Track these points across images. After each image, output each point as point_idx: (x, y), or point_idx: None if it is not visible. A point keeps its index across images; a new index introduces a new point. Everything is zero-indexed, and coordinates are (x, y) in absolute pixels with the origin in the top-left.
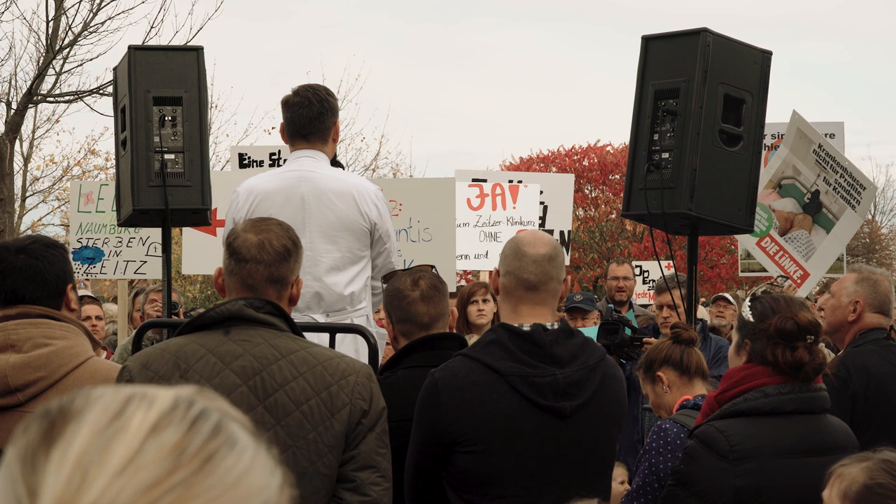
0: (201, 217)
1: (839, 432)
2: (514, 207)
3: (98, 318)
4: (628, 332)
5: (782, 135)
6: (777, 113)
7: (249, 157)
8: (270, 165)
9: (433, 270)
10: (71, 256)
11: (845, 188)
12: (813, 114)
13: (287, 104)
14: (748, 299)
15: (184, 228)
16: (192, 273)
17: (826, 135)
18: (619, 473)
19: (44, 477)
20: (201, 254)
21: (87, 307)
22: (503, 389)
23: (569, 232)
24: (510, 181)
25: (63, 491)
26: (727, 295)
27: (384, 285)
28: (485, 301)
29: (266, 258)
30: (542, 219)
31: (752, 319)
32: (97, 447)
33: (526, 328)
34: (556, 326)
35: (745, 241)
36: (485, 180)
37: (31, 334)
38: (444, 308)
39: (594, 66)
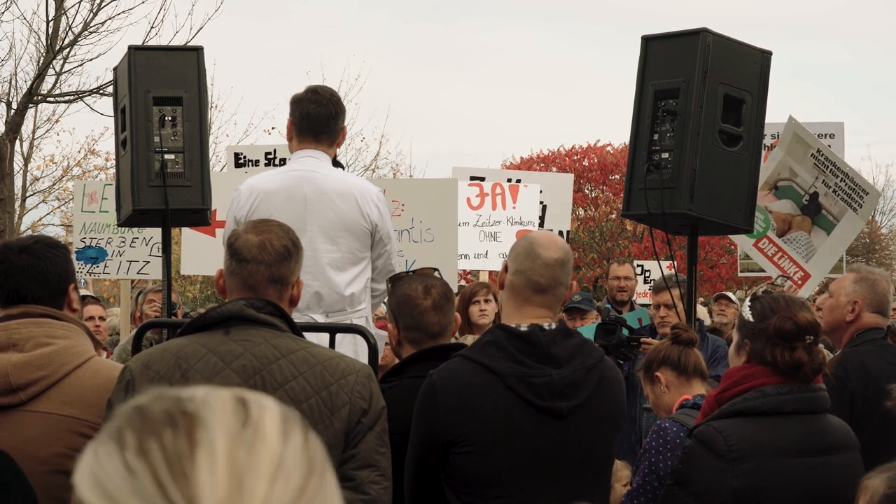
0: (201, 217)
1: (839, 432)
2: (514, 207)
3: (101, 318)
4: (625, 332)
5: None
6: (777, 113)
7: (245, 157)
8: (266, 165)
9: (437, 274)
10: (74, 256)
11: (846, 192)
12: (813, 114)
13: (301, 101)
14: (748, 299)
15: (183, 229)
16: (191, 274)
17: (826, 135)
18: (625, 476)
19: (197, 483)
20: (200, 254)
21: (90, 307)
22: (500, 390)
23: (568, 232)
24: (508, 180)
25: (226, 499)
26: (730, 294)
27: (390, 287)
28: (486, 301)
29: (267, 258)
30: (541, 219)
31: (751, 319)
32: (243, 453)
33: (523, 328)
34: (553, 327)
35: (742, 243)
36: (483, 178)
37: (33, 333)
38: (452, 316)
39: (594, 66)
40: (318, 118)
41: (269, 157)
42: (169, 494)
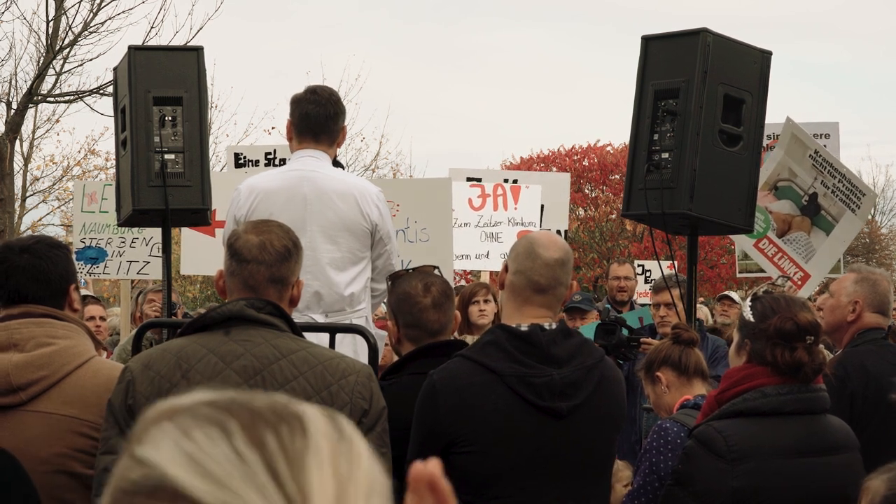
0: (201, 217)
1: (839, 432)
2: (516, 208)
3: (101, 318)
4: (625, 332)
5: (779, 136)
6: (776, 113)
7: (245, 157)
8: (266, 165)
9: (437, 272)
10: (74, 256)
11: (844, 192)
12: (813, 113)
13: (301, 101)
14: (749, 299)
15: (182, 229)
16: (190, 274)
17: (821, 135)
18: (626, 476)
19: (311, 482)
20: (200, 255)
21: (91, 307)
22: (500, 390)
23: (565, 231)
24: (506, 180)
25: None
26: (733, 294)
27: (389, 284)
28: (486, 301)
29: (267, 259)
30: (539, 218)
31: (752, 319)
32: (345, 464)
33: (524, 328)
34: (554, 327)
35: (742, 243)
36: (479, 179)
37: (34, 333)
38: (452, 314)
39: (594, 66)
40: (316, 118)
41: (269, 157)
42: (285, 487)
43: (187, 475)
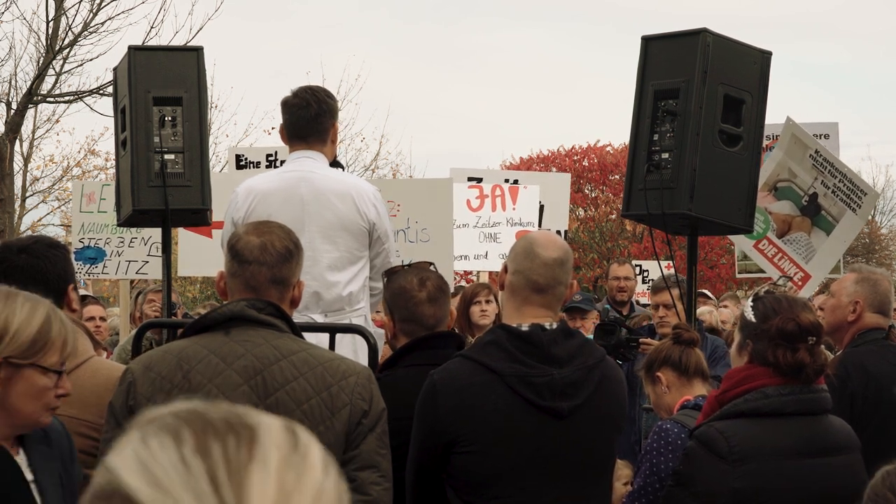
0: (201, 217)
1: (840, 433)
2: (514, 209)
3: (101, 318)
4: (625, 332)
5: (778, 136)
6: (777, 113)
7: (246, 159)
8: (267, 167)
9: (432, 268)
10: (73, 257)
11: (845, 192)
12: (813, 114)
13: (286, 105)
14: (750, 300)
15: (180, 230)
16: (188, 275)
17: (820, 136)
18: (626, 475)
19: (250, 493)
20: (197, 256)
21: (90, 307)
22: (501, 390)
23: (565, 231)
24: (507, 180)
25: None
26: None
27: (385, 280)
28: (488, 302)
29: (268, 259)
30: (539, 219)
31: (753, 320)
32: (292, 476)
33: (524, 328)
34: (554, 327)
35: (742, 244)
36: (481, 179)
37: None
38: (447, 309)
39: (594, 66)
40: (299, 121)
41: (270, 158)
42: (223, 496)
43: (137, 481)
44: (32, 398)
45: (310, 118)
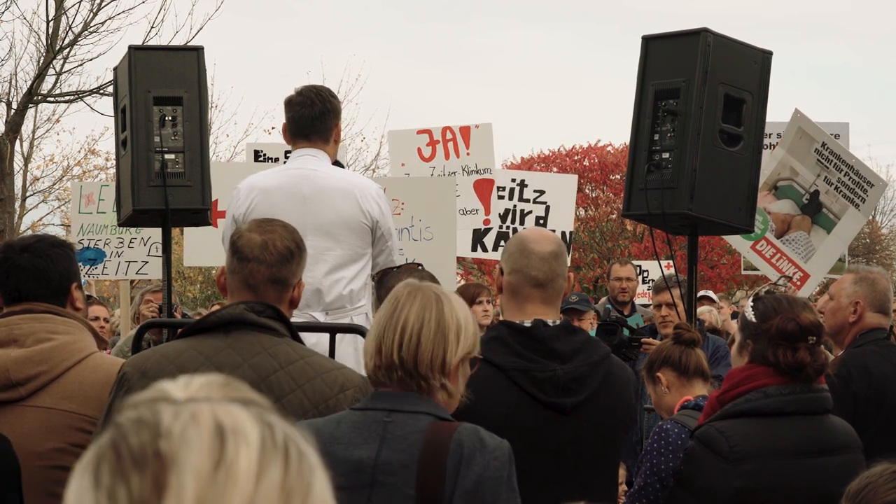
0: (201, 217)
1: (841, 433)
2: (468, 153)
3: (105, 319)
4: (626, 332)
5: (782, 135)
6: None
7: (265, 154)
8: (285, 163)
9: (420, 268)
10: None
11: (849, 186)
12: (819, 114)
13: (289, 104)
14: (751, 299)
15: None
16: (193, 265)
17: (831, 136)
18: (621, 474)
19: None
20: (202, 245)
21: (94, 308)
22: (504, 385)
23: (570, 233)
24: (513, 180)
25: None
26: (712, 295)
27: (376, 281)
28: (489, 302)
29: (268, 258)
30: (545, 219)
31: (754, 320)
32: (212, 498)
33: (527, 324)
34: (557, 323)
35: (739, 246)
36: (428, 130)
37: (34, 329)
38: None
39: (596, 66)
40: (302, 120)
41: (288, 155)
42: None
43: None
44: None
45: (313, 116)
